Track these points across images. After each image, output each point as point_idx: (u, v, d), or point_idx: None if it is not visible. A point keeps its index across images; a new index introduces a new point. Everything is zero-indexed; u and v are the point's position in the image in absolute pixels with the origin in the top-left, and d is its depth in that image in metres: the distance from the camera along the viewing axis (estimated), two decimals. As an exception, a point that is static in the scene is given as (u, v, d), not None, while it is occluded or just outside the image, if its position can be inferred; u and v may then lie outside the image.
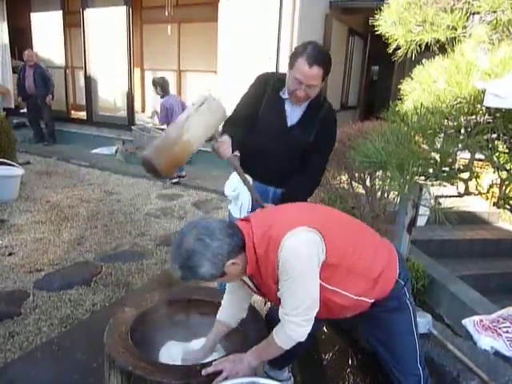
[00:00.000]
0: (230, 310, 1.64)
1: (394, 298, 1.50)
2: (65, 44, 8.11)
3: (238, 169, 1.92)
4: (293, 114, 2.03)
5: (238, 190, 2.09)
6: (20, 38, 8.78)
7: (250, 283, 1.51)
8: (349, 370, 2.24)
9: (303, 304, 1.34)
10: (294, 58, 1.88)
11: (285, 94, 2.01)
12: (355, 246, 1.44)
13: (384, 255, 1.51)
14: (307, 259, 1.32)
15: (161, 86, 5.39)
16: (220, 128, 1.92)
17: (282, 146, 2.01)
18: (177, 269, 1.34)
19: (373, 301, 1.47)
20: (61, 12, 7.90)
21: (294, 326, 1.37)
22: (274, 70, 5.69)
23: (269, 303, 2.82)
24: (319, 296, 1.36)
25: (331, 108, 2.12)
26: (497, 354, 1.99)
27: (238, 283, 1.57)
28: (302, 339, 1.40)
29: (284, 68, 6.20)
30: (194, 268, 1.31)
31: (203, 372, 1.41)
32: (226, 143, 1.84)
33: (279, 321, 1.41)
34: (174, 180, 5.82)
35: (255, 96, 2.06)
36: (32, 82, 7.47)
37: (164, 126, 5.72)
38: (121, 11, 7.06)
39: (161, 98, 5.48)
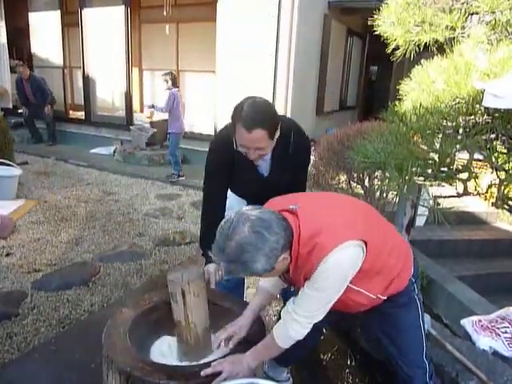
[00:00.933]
0: (273, 279, 1.59)
1: (404, 294, 1.53)
2: (63, 44, 8.09)
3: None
4: (264, 164, 1.92)
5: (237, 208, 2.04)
6: (18, 38, 8.77)
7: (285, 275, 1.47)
8: (347, 370, 2.24)
9: (318, 311, 1.36)
10: (233, 121, 1.69)
11: None
12: (385, 247, 1.43)
13: (403, 254, 1.52)
14: (345, 277, 1.32)
15: (172, 79, 5.73)
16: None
17: (264, 192, 1.78)
18: (224, 262, 1.25)
19: (386, 297, 1.49)
20: (59, 12, 7.88)
21: (298, 326, 1.37)
22: (287, 70, 5.72)
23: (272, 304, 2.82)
24: (342, 295, 1.36)
25: (299, 136, 1.93)
26: (495, 354, 1.99)
27: None
28: (301, 338, 1.40)
29: (281, 68, 6.15)
30: (248, 263, 1.22)
31: (202, 373, 1.40)
32: (212, 274, 1.84)
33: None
34: (174, 180, 5.88)
35: (225, 163, 1.91)
36: (31, 94, 7.65)
37: (165, 115, 5.94)
38: (119, 11, 7.05)
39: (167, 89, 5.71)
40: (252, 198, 1.95)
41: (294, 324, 1.38)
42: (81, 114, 8.12)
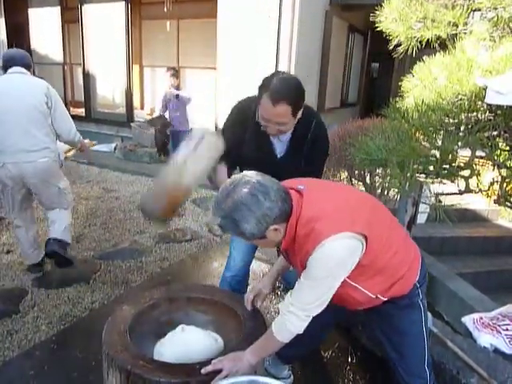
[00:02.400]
0: None
1: (406, 298, 1.49)
2: (63, 40, 8.07)
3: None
4: (279, 144, 1.92)
5: None
6: (18, 35, 8.73)
7: (282, 252, 1.50)
8: (348, 367, 2.24)
9: (316, 302, 1.34)
10: (260, 92, 1.70)
11: None
12: (391, 247, 1.40)
13: (410, 257, 1.49)
14: (341, 267, 1.30)
15: (177, 81, 5.83)
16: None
17: (273, 171, 1.78)
18: (218, 217, 1.28)
19: (386, 299, 1.47)
20: (59, 8, 7.85)
21: (295, 319, 1.36)
22: (288, 66, 5.69)
23: (274, 301, 2.82)
24: (338, 288, 1.34)
25: (319, 124, 1.95)
26: (496, 351, 1.99)
27: None
28: (300, 332, 1.39)
29: (283, 65, 6.14)
30: (239, 222, 1.25)
31: (203, 371, 1.39)
32: (223, 175, 1.83)
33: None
34: None
35: (238, 126, 1.92)
36: None
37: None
38: (119, 7, 7.02)
39: (177, 87, 5.80)
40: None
41: (292, 316, 1.36)
42: (81, 111, 8.11)
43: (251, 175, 1.31)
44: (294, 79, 1.75)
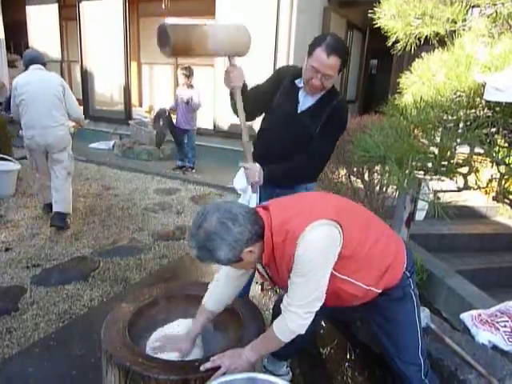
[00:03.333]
0: (218, 298, 1.63)
1: (399, 288, 1.52)
2: (61, 38, 8.05)
3: (240, 108, 1.98)
4: (304, 102, 2.07)
5: (246, 184, 2.09)
6: (15, 32, 8.71)
7: (262, 270, 1.52)
8: (347, 364, 2.25)
9: (310, 296, 1.35)
10: (312, 46, 1.90)
11: (300, 83, 2.05)
12: (368, 237, 1.44)
13: (393, 246, 1.53)
14: (325, 254, 1.32)
15: (192, 75, 5.77)
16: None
17: (288, 132, 2.06)
18: (194, 248, 1.33)
19: (380, 291, 1.49)
20: (56, 5, 7.83)
21: (296, 317, 1.37)
22: (286, 62, 5.69)
23: (272, 298, 2.82)
24: (330, 284, 1.36)
25: (343, 101, 2.14)
26: (495, 348, 1.99)
27: (240, 272, 1.57)
28: (302, 332, 1.40)
29: (282, 62, 6.11)
30: (213, 251, 1.30)
31: (202, 367, 1.40)
32: (239, 70, 1.98)
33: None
34: (188, 165, 6.03)
35: (274, 82, 2.13)
36: None
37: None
38: (117, 4, 7.00)
39: (187, 87, 5.72)
40: (267, 148, 2.12)
41: (293, 316, 1.37)
42: (79, 109, 8.07)
43: (219, 204, 1.37)
44: (343, 40, 2.02)
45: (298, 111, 2.07)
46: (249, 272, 1.64)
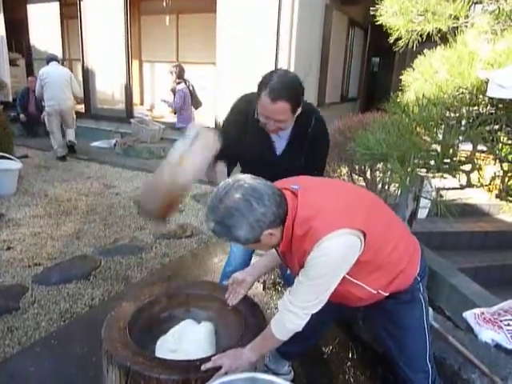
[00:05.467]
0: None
1: (408, 292, 1.48)
2: (62, 36, 8.04)
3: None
4: (279, 140, 1.92)
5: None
6: (17, 30, 8.70)
7: (280, 254, 1.49)
8: (349, 363, 2.24)
9: (314, 300, 1.32)
10: (259, 89, 1.72)
11: None
12: (389, 243, 1.38)
13: (409, 251, 1.48)
14: (339, 265, 1.28)
15: (177, 73, 5.70)
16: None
17: (273, 172, 1.74)
18: (212, 222, 1.26)
19: (388, 294, 1.46)
20: (57, 3, 7.82)
21: (294, 317, 1.35)
22: (288, 60, 5.66)
23: (274, 297, 2.81)
24: (339, 286, 1.33)
25: (319, 120, 1.96)
26: (498, 346, 1.98)
27: None
28: (299, 330, 1.38)
29: (283, 60, 6.09)
30: (232, 228, 1.23)
31: (202, 367, 1.39)
32: (222, 173, 1.80)
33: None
34: None
35: (238, 124, 1.93)
36: (34, 108, 7.59)
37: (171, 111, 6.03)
38: (118, 2, 6.98)
39: (177, 84, 5.72)
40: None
41: (291, 315, 1.35)
42: (81, 107, 8.07)
43: (244, 179, 1.28)
44: (293, 77, 1.75)
45: (277, 153, 1.93)
46: None
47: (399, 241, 1.44)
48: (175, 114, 5.98)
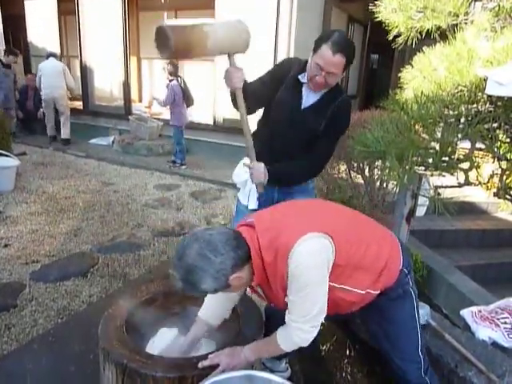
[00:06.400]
0: (215, 310, 1.60)
1: (398, 287, 1.50)
2: (60, 32, 8.00)
3: (241, 108, 1.88)
4: (308, 98, 2.02)
5: (245, 177, 2.07)
6: (14, 26, 8.66)
7: (259, 290, 1.48)
8: (346, 360, 2.24)
9: (313, 311, 1.31)
10: (318, 43, 1.86)
11: (304, 78, 1.99)
12: (361, 242, 1.40)
13: (387, 246, 1.50)
14: (318, 267, 1.28)
15: (169, 70, 5.69)
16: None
17: (292, 129, 2.01)
18: (179, 281, 1.28)
19: (378, 292, 1.47)
20: (55, -1, 7.77)
21: (301, 332, 1.34)
22: (292, 56, 5.62)
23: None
24: (328, 296, 1.33)
25: (347, 100, 2.09)
26: (495, 344, 1.98)
27: None
28: (306, 345, 1.38)
29: (282, 56, 6.07)
30: (196, 283, 1.26)
31: (199, 365, 1.39)
32: (240, 71, 1.92)
33: (277, 317, 1.39)
34: (175, 168, 5.99)
35: (277, 76, 2.06)
36: (32, 105, 7.68)
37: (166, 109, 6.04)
38: (116, -2, 6.95)
39: (169, 81, 5.70)
40: (271, 146, 2.04)
41: (297, 331, 1.35)
42: (79, 104, 8.06)
43: (197, 234, 1.31)
44: (350, 39, 1.96)
45: (302, 107, 2.03)
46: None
47: (371, 240, 1.46)
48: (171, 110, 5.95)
